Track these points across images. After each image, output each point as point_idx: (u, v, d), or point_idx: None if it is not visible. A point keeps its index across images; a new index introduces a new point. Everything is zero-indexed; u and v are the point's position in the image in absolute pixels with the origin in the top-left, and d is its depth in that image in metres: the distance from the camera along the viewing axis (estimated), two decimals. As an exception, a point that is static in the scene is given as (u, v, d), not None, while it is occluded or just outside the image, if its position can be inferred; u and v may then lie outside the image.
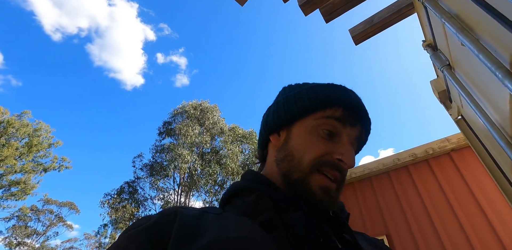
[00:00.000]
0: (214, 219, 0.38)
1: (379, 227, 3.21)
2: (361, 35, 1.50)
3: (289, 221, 0.37)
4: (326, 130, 0.46)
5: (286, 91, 0.55)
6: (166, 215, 0.37)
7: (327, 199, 0.42)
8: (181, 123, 15.09)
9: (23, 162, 17.34)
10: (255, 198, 0.41)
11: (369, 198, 3.47)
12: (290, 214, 0.38)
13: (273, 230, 0.36)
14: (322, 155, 0.44)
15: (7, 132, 16.55)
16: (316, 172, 0.43)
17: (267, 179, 0.47)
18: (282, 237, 0.35)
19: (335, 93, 0.48)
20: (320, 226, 0.38)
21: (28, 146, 17.23)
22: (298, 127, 0.48)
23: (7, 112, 17.10)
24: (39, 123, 18.09)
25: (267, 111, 0.56)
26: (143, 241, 0.33)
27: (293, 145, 0.46)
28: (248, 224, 0.37)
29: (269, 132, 0.52)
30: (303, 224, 0.37)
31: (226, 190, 0.48)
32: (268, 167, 0.51)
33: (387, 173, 3.46)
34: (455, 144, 3.07)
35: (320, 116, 0.46)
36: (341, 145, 0.45)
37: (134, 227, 0.36)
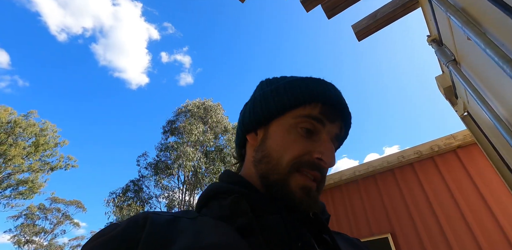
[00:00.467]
0: (188, 224, 0.36)
1: (384, 225, 3.19)
2: (364, 31, 1.47)
3: (267, 225, 0.36)
4: (305, 128, 0.44)
5: (263, 87, 0.53)
6: (134, 221, 0.35)
7: (307, 200, 0.41)
8: (185, 122, 15.15)
9: (30, 161, 17.61)
10: (232, 201, 0.40)
11: (373, 196, 3.44)
12: (268, 218, 0.37)
13: (250, 234, 0.35)
14: (301, 155, 0.43)
15: (14, 131, 16.79)
16: (295, 172, 0.42)
17: (245, 180, 0.45)
18: (259, 242, 0.34)
19: (314, 88, 0.46)
20: (298, 229, 0.37)
21: (35, 145, 17.47)
22: (275, 125, 0.46)
23: (14, 112, 17.35)
24: (45, 123, 18.34)
25: (244, 108, 0.54)
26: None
27: (271, 145, 0.45)
28: (224, 229, 0.35)
29: (246, 131, 0.51)
30: (280, 228, 0.36)
31: (202, 192, 0.47)
32: (246, 167, 0.50)
33: (392, 171, 3.43)
34: (461, 140, 3.03)
35: (299, 114, 0.45)
36: (320, 143, 0.44)
37: (100, 236, 0.34)
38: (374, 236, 3.20)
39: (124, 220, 0.36)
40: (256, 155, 0.47)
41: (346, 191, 3.71)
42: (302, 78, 0.49)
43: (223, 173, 0.50)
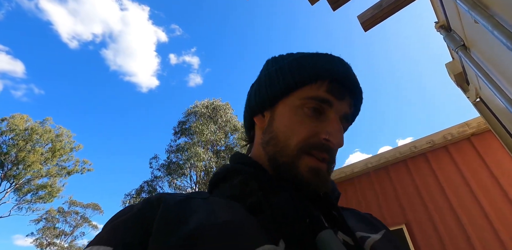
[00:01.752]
0: (201, 203, 0.37)
1: (398, 216, 3.18)
2: (370, 21, 1.48)
3: (275, 202, 0.37)
4: (313, 108, 0.43)
5: (268, 66, 0.52)
6: (149, 202, 0.36)
7: (316, 181, 0.41)
8: (196, 123, 15.32)
9: (48, 166, 18.19)
10: (242, 181, 0.41)
11: (386, 187, 3.43)
12: (276, 196, 0.38)
13: (260, 213, 0.36)
14: (309, 136, 0.42)
15: (32, 138, 17.38)
16: (304, 155, 0.42)
17: (254, 161, 0.45)
18: (268, 219, 0.35)
19: (320, 65, 0.45)
20: (307, 206, 0.37)
21: (51, 151, 18.05)
22: (282, 106, 0.46)
23: (30, 119, 17.94)
24: (60, 128, 18.91)
25: (250, 90, 0.53)
26: (127, 231, 0.32)
27: (278, 126, 0.44)
28: (235, 208, 0.36)
29: (253, 114, 0.50)
30: (288, 205, 0.36)
31: (214, 174, 0.47)
32: (255, 149, 0.50)
33: (404, 161, 3.40)
34: (475, 128, 2.98)
35: (305, 95, 0.44)
36: (328, 123, 0.43)
37: (118, 217, 0.35)
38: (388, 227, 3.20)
39: (140, 201, 0.38)
40: (264, 137, 0.47)
41: (359, 184, 3.71)
42: (307, 55, 0.48)
43: (233, 154, 0.50)
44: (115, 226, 0.33)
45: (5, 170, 17.26)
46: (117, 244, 0.30)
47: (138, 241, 0.31)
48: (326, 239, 0.34)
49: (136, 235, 0.31)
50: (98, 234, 0.34)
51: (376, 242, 0.41)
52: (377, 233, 0.44)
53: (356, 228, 0.44)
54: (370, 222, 0.49)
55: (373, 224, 0.49)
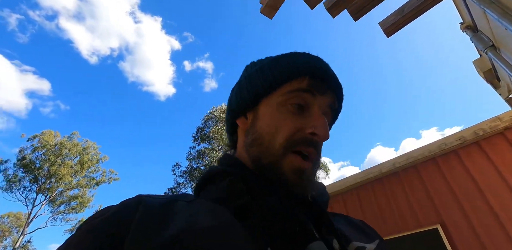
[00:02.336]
0: (184, 207, 0.35)
1: (431, 216, 3.10)
2: (392, 27, 1.49)
3: (264, 207, 0.35)
4: (295, 104, 0.43)
5: (247, 69, 0.51)
6: (127, 204, 0.33)
7: (299, 183, 0.40)
8: (214, 128, 15.59)
9: (78, 178, 19.16)
10: (229, 183, 0.39)
11: (416, 187, 3.36)
12: (265, 200, 0.36)
13: (247, 217, 0.34)
14: (294, 132, 0.41)
15: (62, 152, 18.43)
16: (289, 153, 0.40)
17: (241, 163, 0.44)
18: (255, 225, 0.32)
19: (299, 62, 0.44)
20: (296, 213, 0.36)
21: (80, 163, 19.02)
22: (264, 105, 0.45)
23: (58, 135, 19.02)
24: (86, 141, 19.94)
25: (231, 94, 0.52)
26: (100, 234, 0.30)
27: (261, 126, 0.43)
28: (220, 212, 0.34)
29: (235, 116, 0.49)
30: (278, 210, 0.35)
31: (201, 175, 0.45)
32: (239, 153, 0.48)
33: (434, 160, 3.32)
34: (508, 121, 2.87)
35: (287, 90, 0.43)
36: (312, 118, 0.42)
37: (93, 219, 0.33)
38: (422, 228, 3.12)
39: (118, 203, 0.35)
40: (247, 139, 0.45)
41: (388, 184, 3.65)
42: (286, 54, 0.48)
43: (221, 156, 0.49)
44: (87, 230, 0.31)
45: (40, 183, 18.33)
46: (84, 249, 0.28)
47: (111, 247, 0.28)
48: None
49: (109, 240, 0.29)
50: (68, 238, 0.32)
51: None
52: (371, 243, 0.42)
53: (351, 237, 0.42)
54: (363, 230, 0.47)
55: (367, 233, 0.47)
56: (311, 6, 1.47)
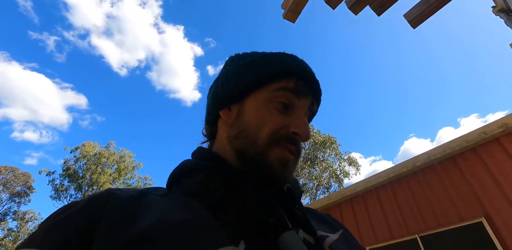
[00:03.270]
0: (156, 200, 0.34)
1: (475, 209, 2.96)
2: (418, 17, 1.49)
3: (238, 201, 0.35)
4: (281, 103, 0.44)
5: (235, 61, 0.51)
6: (96, 198, 0.32)
7: (284, 172, 0.41)
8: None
9: (116, 185, 20.43)
10: (204, 177, 0.39)
11: (456, 179, 3.21)
12: (240, 193, 0.36)
13: (221, 211, 0.34)
14: (279, 128, 0.42)
15: (101, 161, 19.85)
16: (273, 146, 0.42)
17: (218, 156, 0.44)
18: (229, 219, 0.33)
19: (290, 62, 0.46)
20: (271, 205, 0.36)
21: (118, 171, 20.34)
22: (251, 100, 0.45)
23: (97, 145, 20.52)
24: (122, 150, 21.36)
25: (215, 84, 0.52)
26: (67, 230, 0.28)
27: (248, 119, 0.44)
28: (194, 206, 0.34)
29: (219, 107, 0.49)
30: (252, 203, 0.35)
31: (174, 169, 0.45)
32: (219, 144, 0.48)
33: (474, 150, 3.16)
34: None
35: (275, 88, 0.45)
36: (296, 117, 0.44)
37: (57, 215, 0.31)
38: (465, 222, 2.99)
39: (86, 197, 0.34)
40: (230, 131, 0.45)
41: (424, 177, 3.53)
42: (277, 52, 0.50)
43: (195, 150, 0.49)
44: (52, 226, 0.29)
45: (83, 191, 19.80)
46: (51, 247, 0.26)
47: (79, 242, 0.27)
48: (288, 241, 0.33)
49: (76, 236, 0.27)
50: (31, 234, 0.30)
51: (334, 242, 0.41)
52: (335, 233, 0.45)
53: (316, 228, 0.43)
54: (328, 222, 0.49)
55: (331, 224, 0.49)
56: (333, 7, 1.53)
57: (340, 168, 17.80)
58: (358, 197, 4.18)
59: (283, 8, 1.62)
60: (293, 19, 1.57)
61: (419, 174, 3.59)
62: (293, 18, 1.56)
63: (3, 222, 20.55)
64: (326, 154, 17.88)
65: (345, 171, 17.72)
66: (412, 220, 3.46)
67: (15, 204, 21.65)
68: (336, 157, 18.13)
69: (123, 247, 0.26)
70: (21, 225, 20.91)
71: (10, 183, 21.38)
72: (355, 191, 4.15)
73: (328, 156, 17.95)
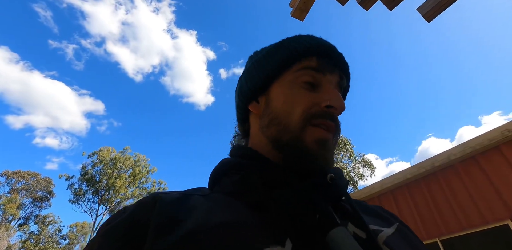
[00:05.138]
0: (199, 201, 0.35)
1: (500, 212, 2.80)
2: (433, 10, 1.44)
3: (280, 198, 0.34)
4: (306, 82, 0.43)
5: (253, 57, 0.52)
6: (143, 203, 0.34)
7: (323, 153, 0.39)
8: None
9: (132, 189, 20.89)
10: (243, 176, 0.38)
11: (478, 180, 3.07)
12: (280, 191, 0.35)
13: (263, 210, 0.33)
14: (310, 106, 0.41)
15: (116, 166, 20.41)
16: (308, 126, 0.40)
17: (256, 152, 0.43)
18: (272, 218, 0.32)
19: (305, 42, 0.45)
20: (314, 200, 0.34)
21: (133, 175, 20.78)
22: (276, 87, 0.45)
23: (114, 150, 21.05)
24: (137, 155, 21.88)
25: (239, 82, 0.53)
26: (118, 236, 0.30)
27: (276, 105, 0.43)
28: (236, 206, 0.34)
29: (247, 102, 0.49)
30: (294, 200, 0.33)
31: (214, 169, 0.45)
32: (254, 139, 0.47)
33: (497, 148, 3.01)
34: None
35: (296, 69, 0.44)
36: (325, 92, 0.42)
37: (110, 222, 0.33)
38: (489, 225, 2.83)
39: (134, 203, 0.35)
40: (262, 122, 0.45)
41: (443, 178, 3.39)
42: (290, 37, 0.48)
43: (233, 147, 0.48)
44: (106, 233, 0.31)
45: (100, 195, 20.31)
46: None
47: (130, 248, 0.28)
48: (338, 238, 0.30)
49: (127, 242, 0.29)
50: (89, 242, 0.32)
51: (389, 237, 0.37)
52: (389, 227, 0.40)
53: (367, 221, 0.39)
54: (381, 215, 0.45)
55: (384, 217, 0.44)
56: (342, 3, 1.50)
57: (354, 170, 17.44)
58: (374, 199, 4.07)
59: (291, 6, 1.60)
60: (302, 17, 1.55)
61: (438, 175, 3.46)
62: (302, 16, 1.54)
63: (26, 225, 21.34)
64: (340, 156, 17.58)
65: (360, 173, 17.34)
66: (431, 223, 3.32)
67: (36, 208, 22.49)
68: (350, 159, 17.78)
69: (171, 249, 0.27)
70: (41, 228, 21.65)
71: (32, 188, 22.24)
72: (370, 193, 4.04)
73: (341, 158, 17.64)
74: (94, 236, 0.33)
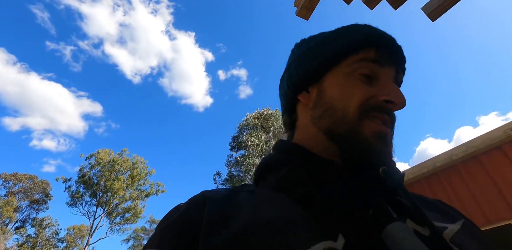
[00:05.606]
0: (247, 197, 0.34)
1: (503, 212, 2.79)
2: (437, 10, 1.43)
3: (329, 193, 0.32)
4: (364, 75, 0.41)
5: (303, 45, 0.49)
6: (194, 202, 0.35)
7: (384, 147, 0.37)
8: (248, 135, 15.85)
9: (130, 191, 20.76)
10: (288, 172, 0.37)
11: (481, 180, 3.06)
12: (329, 185, 0.33)
13: (312, 205, 0.32)
14: (367, 98, 0.39)
15: (114, 168, 20.27)
16: (365, 119, 0.38)
17: (301, 147, 0.41)
18: (321, 213, 0.30)
19: (364, 33, 0.42)
20: (367, 195, 0.32)
21: (131, 177, 20.65)
22: (330, 77, 0.43)
23: (111, 152, 20.91)
24: (135, 157, 21.75)
25: (286, 72, 0.50)
26: (174, 234, 0.31)
27: (332, 96, 0.41)
28: (283, 202, 0.33)
29: (296, 91, 0.46)
30: (345, 195, 0.32)
31: (258, 165, 0.44)
32: (302, 131, 0.45)
33: (499, 148, 3.01)
34: None
35: (354, 60, 0.41)
36: (384, 86, 0.40)
37: (166, 220, 0.34)
38: (492, 224, 2.82)
39: (186, 201, 0.36)
40: (314, 112, 0.43)
41: (445, 178, 3.38)
42: (347, 26, 0.46)
43: (276, 143, 0.47)
44: (164, 229, 0.33)
45: (98, 198, 20.15)
46: (168, 248, 0.30)
47: (186, 244, 0.29)
48: (396, 233, 0.28)
49: (183, 238, 0.30)
50: (151, 237, 0.34)
51: (456, 234, 0.34)
52: (454, 223, 0.37)
53: (429, 217, 0.36)
54: (443, 210, 0.42)
55: (447, 212, 0.41)
56: (348, 2, 1.48)
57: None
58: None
59: (296, 5, 1.58)
60: (307, 16, 1.53)
61: (440, 175, 3.45)
62: (307, 15, 1.52)
63: (23, 228, 21.10)
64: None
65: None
66: (435, 223, 3.31)
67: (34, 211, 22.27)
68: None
69: (223, 246, 0.27)
70: (39, 231, 21.42)
71: (29, 190, 22.03)
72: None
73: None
74: (154, 231, 0.34)
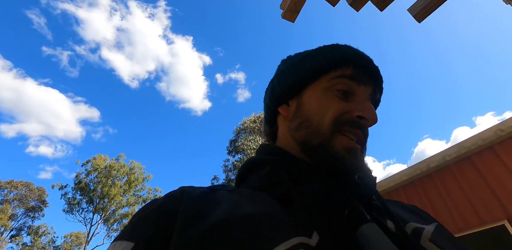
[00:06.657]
0: (226, 195, 0.35)
1: (496, 212, 2.79)
2: (423, 11, 1.45)
3: (307, 193, 0.34)
4: (340, 90, 0.43)
5: (287, 61, 0.52)
6: (172, 196, 0.35)
7: (353, 161, 0.39)
8: (245, 139, 15.83)
9: (127, 197, 20.55)
10: (270, 171, 0.39)
11: (474, 180, 3.07)
12: (308, 186, 0.35)
13: (291, 204, 0.33)
14: (341, 113, 0.41)
15: (111, 174, 20.11)
16: (338, 134, 0.40)
17: (282, 149, 0.44)
18: (300, 211, 0.32)
19: (343, 52, 0.45)
20: (344, 196, 0.34)
21: (128, 183, 20.47)
22: (309, 91, 0.45)
23: (107, 158, 20.74)
24: (132, 162, 21.60)
25: (270, 85, 0.53)
26: (151, 224, 0.31)
27: (309, 109, 0.44)
28: (262, 199, 0.34)
29: (277, 103, 0.49)
30: (322, 195, 0.34)
31: (240, 167, 0.45)
32: (282, 140, 0.48)
33: (491, 148, 3.03)
34: None
35: (332, 77, 0.44)
36: (358, 102, 0.42)
37: (142, 212, 0.35)
38: (486, 225, 2.82)
39: (163, 195, 0.37)
40: (292, 124, 0.45)
41: (439, 179, 3.38)
42: (329, 45, 0.49)
43: (259, 147, 0.49)
44: (138, 221, 0.33)
45: (95, 204, 19.91)
46: (139, 239, 0.30)
47: (161, 235, 0.30)
48: (370, 233, 0.30)
49: (158, 229, 0.30)
50: (123, 229, 0.34)
51: (433, 234, 0.37)
52: (429, 225, 0.40)
53: (408, 219, 0.40)
54: (418, 214, 0.45)
55: (422, 216, 0.45)
56: (333, 4, 1.50)
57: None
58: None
59: (281, 8, 1.60)
60: (293, 19, 1.55)
61: (433, 176, 3.45)
62: (293, 17, 1.54)
63: (18, 237, 20.76)
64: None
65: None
66: (430, 224, 3.30)
67: (29, 218, 21.95)
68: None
69: (198, 239, 0.27)
70: (34, 239, 21.07)
71: (25, 197, 21.75)
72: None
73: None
74: (127, 224, 0.35)
